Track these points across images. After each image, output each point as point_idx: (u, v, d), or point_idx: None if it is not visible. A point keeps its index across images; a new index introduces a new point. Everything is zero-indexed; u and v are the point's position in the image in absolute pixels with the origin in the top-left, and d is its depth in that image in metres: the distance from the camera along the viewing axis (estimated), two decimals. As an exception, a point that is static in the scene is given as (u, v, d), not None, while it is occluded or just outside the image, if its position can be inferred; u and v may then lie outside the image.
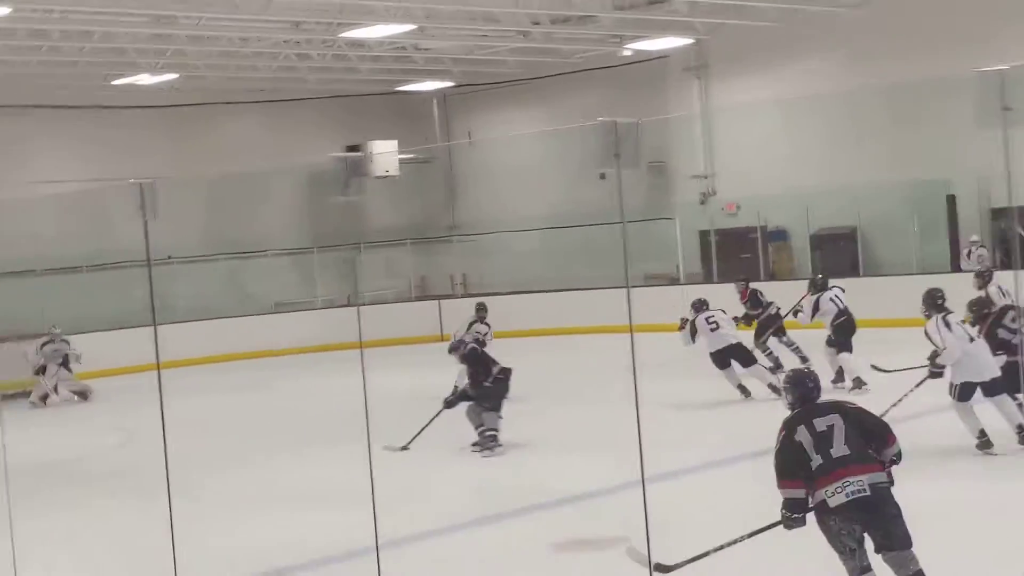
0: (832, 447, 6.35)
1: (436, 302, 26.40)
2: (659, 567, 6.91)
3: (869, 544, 6.40)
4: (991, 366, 10.32)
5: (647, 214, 24.14)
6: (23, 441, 10.69)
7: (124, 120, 27.15)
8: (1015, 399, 10.44)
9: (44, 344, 19.70)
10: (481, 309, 16.62)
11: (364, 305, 24.43)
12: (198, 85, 26.33)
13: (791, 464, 6.40)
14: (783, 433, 6.51)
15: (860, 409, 6.64)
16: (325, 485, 11.29)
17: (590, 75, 26.53)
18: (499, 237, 27.49)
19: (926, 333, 10.68)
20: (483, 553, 8.87)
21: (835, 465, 6.29)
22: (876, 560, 6.38)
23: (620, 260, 8.85)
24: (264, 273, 27.14)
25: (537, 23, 22.34)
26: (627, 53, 24.46)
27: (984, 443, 10.34)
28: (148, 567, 8.55)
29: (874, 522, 6.30)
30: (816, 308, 14.50)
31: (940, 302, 10.89)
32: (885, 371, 12.73)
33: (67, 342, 19.96)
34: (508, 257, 27.09)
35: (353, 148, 27.85)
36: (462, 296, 27.57)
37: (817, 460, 6.33)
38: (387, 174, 27.62)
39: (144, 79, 24.64)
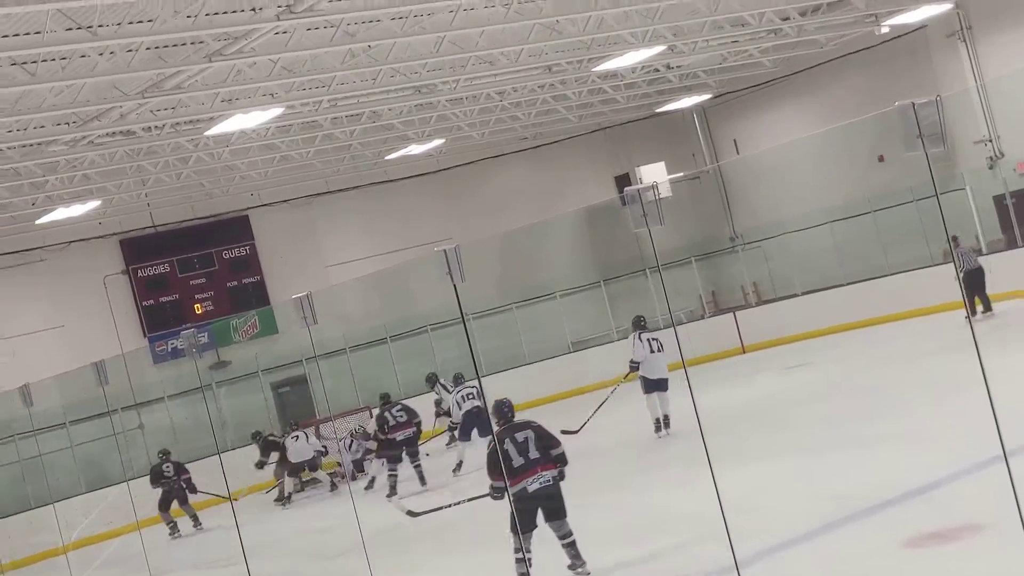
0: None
1: (731, 315, 26.18)
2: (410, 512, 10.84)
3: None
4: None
5: (936, 189, 23.22)
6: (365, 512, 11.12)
7: (400, 192, 28.21)
8: None
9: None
10: None
11: (660, 329, 24.36)
12: (464, 144, 27.05)
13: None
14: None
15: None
16: (664, 510, 11.31)
17: (848, 60, 25.89)
18: (784, 239, 27.04)
19: None
20: (831, 561, 8.70)
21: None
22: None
23: (917, 241, 8.59)
24: (556, 314, 27.50)
25: (787, 18, 21.99)
26: (885, 31, 23.73)
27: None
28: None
29: (549, 501, 9.46)
30: None
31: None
32: None
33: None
34: (797, 257, 26.60)
35: (623, 177, 27.98)
36: (756, 304, 27.26)
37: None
38: (660, 197, 27.61)
39: (414, 149, 25.50)
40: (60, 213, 22.30)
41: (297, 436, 20.40)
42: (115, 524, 18.25)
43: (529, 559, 9.34)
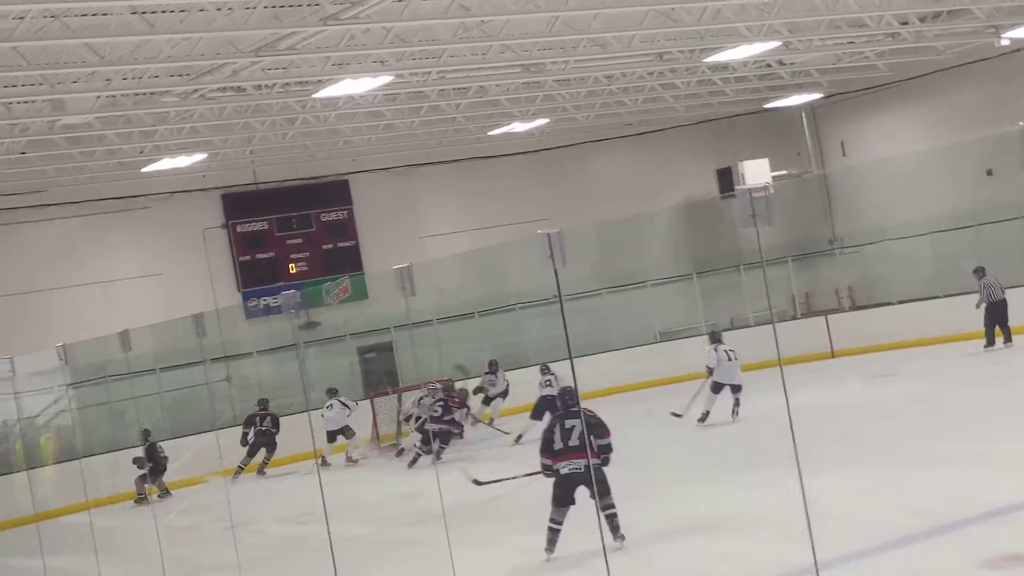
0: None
1: (823, 318, 25.91)
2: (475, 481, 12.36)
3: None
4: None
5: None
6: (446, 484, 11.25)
7: (500, 169, 28.27)
8: None
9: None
10: None
11: (749, 327, 24.22)
12: (568, 126, 27.02)
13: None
14: None
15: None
16: (743, 512, 11.28)
17: (965, 70, 25.44)
18: (883, 246, 26.69)
19: None
20: (915, 572, 8.62)
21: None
22: None
23: (1019, 259, 8.45)
24: (646, 303, 27.42)
25: (905, 22, 21.66)
26: (1005, 43, 23.31)
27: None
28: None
29: (584, 484, 10.19)
30: None
31: None
32: None
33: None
34: (895, 265, 26.24)
35: (724, 171, 27.78)
36: (850, 309, 26.96)
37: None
38: (769, 198, 27.33)
39: (517, 127, 25.53)
40: (166, 163, 22.68)
41: (331, 405, 20.73)
42: (197, 472, 18.61)
43: (558, 530, 10.45)
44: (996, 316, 20.56)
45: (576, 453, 10.38)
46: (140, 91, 17.75)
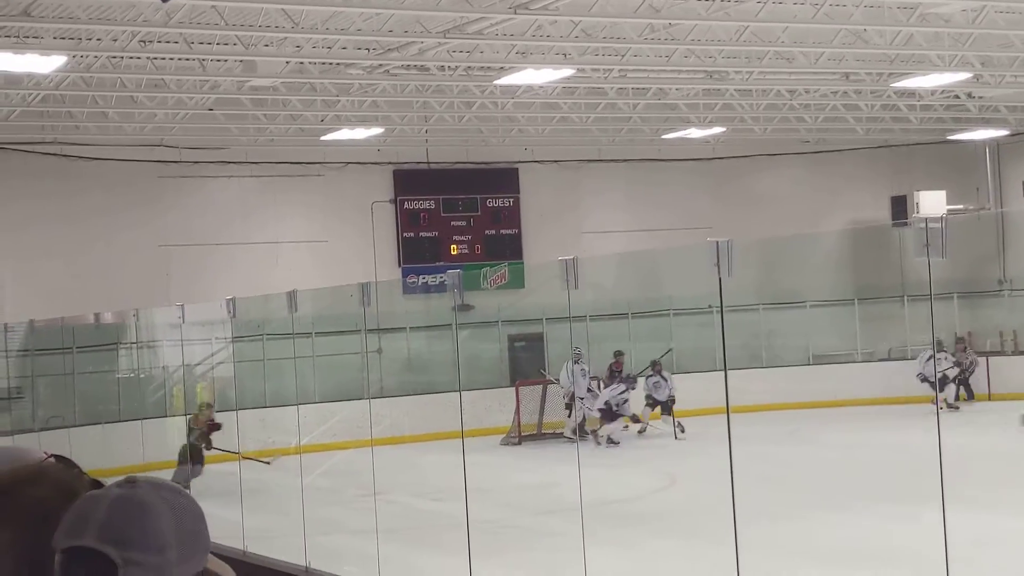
0: None
1: (985, 358, 25.29)
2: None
3: None
4: None
5: None
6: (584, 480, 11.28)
7: (669, 174, 28.17)
8: None
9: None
10: None
11: (907, 360, 23.76)
12: (743, 137, 26.82)
13: None
14: None
15: None
16: (878, 544, 11.14)
17: None
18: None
19: None
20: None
21: None
22: None
23: None
24: (802, 324, 27.09)
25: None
26: None
27: None
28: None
29: None
30: None
31: None
32: None
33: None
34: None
35: (898, 198, 27.30)
36: (1012, 353, 26.26)
37: None
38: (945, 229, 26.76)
39: (693, 133, 25.44)
40: (344, 134, 23.18)
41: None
42: (341, 437, 18.97)
43: None
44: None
45: None
46: (327, 61, 18.18)
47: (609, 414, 20.78)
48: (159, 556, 1.84)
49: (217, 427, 17.15)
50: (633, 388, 21.37)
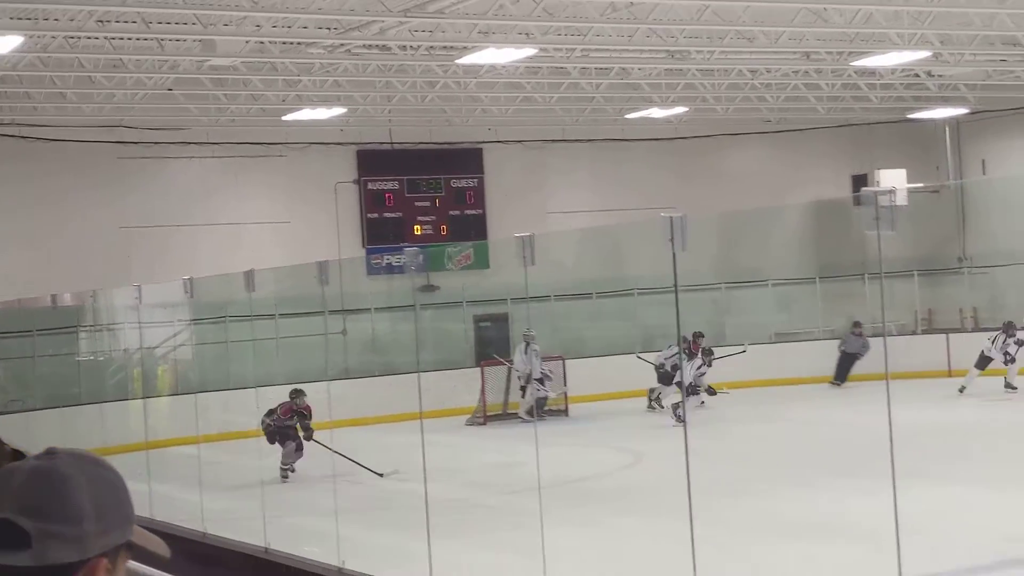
0: None
1: (944, 336, 25.48)
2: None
3: None
4: None
5: None
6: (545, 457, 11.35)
7: (633, 153, 28.21)
8: None
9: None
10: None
11: (872, 337, 23.91)
12: (705, 117, 26.86)
13: None
14: None
15: None
16: (836, 518, 11.23)
17: (1120, 98, 24.78)
18: (1014, 269, 26.12)
19: None
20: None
21: None
22: None
23: None
24: (764, 302, 27.21)
25: (1063, 44, 21.15)
26: None
27: None
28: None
29: None
30: None
31: None
32: None
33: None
34: (1024, 290, 25.71)
35: (860, 177, 27.40)
36: (972, 330, 26.45)
37: None
38: (894, 204, 26.93)
39: (655, 112, 25.47)
40: (306, 114, 23.07)
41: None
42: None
43: None
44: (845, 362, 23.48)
45: None
46: (288, 40, 18.09)
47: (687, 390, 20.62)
48: (76, 528, 1.82)
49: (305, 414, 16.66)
50: (710, 365, 21.55)
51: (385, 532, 12.12)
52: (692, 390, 20.44)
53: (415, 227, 26.57)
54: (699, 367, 20.94)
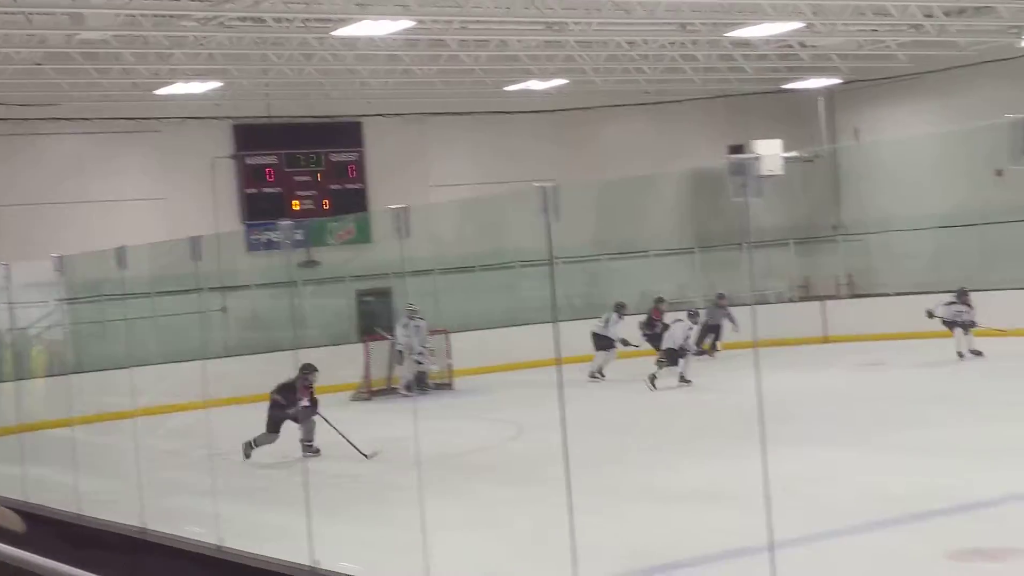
0: None
1: (820, 303, 25.98)
2: None
3: None
4: None
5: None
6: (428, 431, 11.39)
7: (514, 126, 28.25)
8: None
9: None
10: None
11: (748, 305, 24.27)
12: (585, 89, 26.96)
13: None
14: None
15: None
16: (712, 484, 11.40)
17: (985, 68, 25.35)
18: (887, 237, 26.71)
19: None
20: (875, 559, 8.73)
21: None
22: None
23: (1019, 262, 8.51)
24: (645, 273, 27.45)
25: (930, 15, 21.61)
26: (1026, 44, 23.25)
27: None
28: (532, 554, 8.89)
29: None
30: None
31: None
32: None
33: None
34: (897, 257, 26.27)
35: (737, 148, 27.72)
36: (847, 297, 27.01)
37: None
38: (771, 173, 27.34)
39: (535, 85, 25.50)
40: (180, 88, 22.68)
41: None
42: (183, 398, 18.66)
43: None
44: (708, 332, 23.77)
45: None
46: (160, 13, 17.75)
47: (675, 353, 20.43)
48: None
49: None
50: (696, 324, 21.37)
51: (265, 509, 12.03)
52: (682, 353, 20.23)
53: (294, 202, 26.32)
54: (689, 328, 20.60)
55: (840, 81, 28.01)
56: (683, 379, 19.71)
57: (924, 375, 19.45)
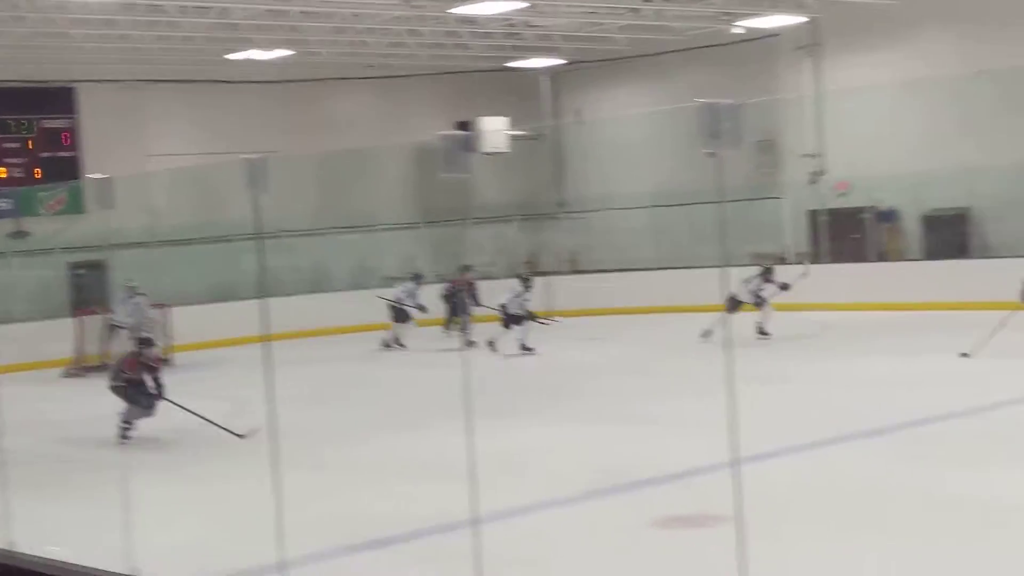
0: None
1: (544, 279, 26.48)
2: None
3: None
4: None
5: (755, 193, 24.02)
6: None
7: (238, 96, 27.64)
8: None
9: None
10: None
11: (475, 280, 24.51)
12: (311, 61, 26.63)
13: None
14: None
15: None
16: (424, 457, 11.46)
17: (700, 53, 26.31)
18: (607, 215, 27.44)
19: None
20: (580, 528, 8.94)
21: None
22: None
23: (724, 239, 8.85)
24: (372, 248, 27.39)
25: (648, 0, 22.25)
26: (738, 31, 24.23)
27: None
28: (251, 531, 8.74)
29: None
30: None
31: None
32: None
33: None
34: (615, 235, 27.03)
35: (463, 124, 27.93)
36: (569, 273, 27.62)
37: None
38: (497, 150, 27.68)
39: (256, 55, 25.02)
40: None
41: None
42: None
43: None
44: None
45: None
46: None
47: (515, 319, 19.89)
48: None
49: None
50: (529, 288, 20.68)
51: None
52: (516, 320, 19.84)
53: (2, 170, 25.10)
54: (523, 296, 20.19)
55: (563, 62, 28.55)
56: (524, 347, 19.54)
57: (646, 348, 20.02)
